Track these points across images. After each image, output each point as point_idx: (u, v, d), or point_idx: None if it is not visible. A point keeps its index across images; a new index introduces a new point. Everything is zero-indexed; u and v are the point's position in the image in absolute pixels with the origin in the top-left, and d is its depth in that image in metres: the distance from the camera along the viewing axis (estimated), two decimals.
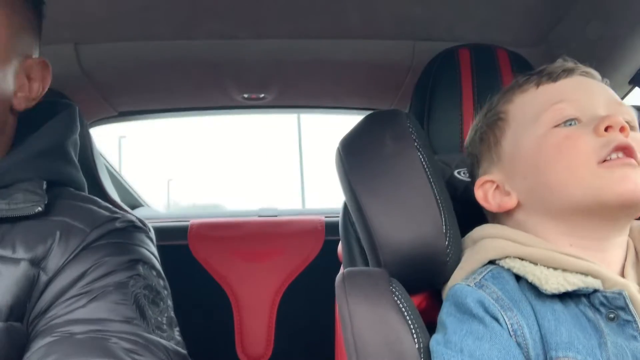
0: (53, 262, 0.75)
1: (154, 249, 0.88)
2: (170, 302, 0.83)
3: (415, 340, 0.68)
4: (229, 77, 1.55)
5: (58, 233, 0.77)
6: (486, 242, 0.75)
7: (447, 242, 0.75)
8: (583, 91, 0.74)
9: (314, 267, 1.70)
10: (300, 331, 1.67)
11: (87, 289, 0.74)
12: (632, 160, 0.66)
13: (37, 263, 0.74)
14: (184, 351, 0.78)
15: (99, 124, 1.75)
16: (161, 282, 0.83)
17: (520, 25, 1.28)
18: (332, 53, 1.43)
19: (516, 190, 0.75)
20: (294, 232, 1.75)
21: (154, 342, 0.73)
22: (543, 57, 1.30)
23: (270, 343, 1.66)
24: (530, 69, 1.03)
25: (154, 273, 0.82)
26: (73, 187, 0.89)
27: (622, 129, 0.68)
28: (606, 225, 0.70)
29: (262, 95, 1.66)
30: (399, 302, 0.71)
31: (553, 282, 0.65)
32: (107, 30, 1.32)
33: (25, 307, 0.73)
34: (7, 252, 0.74)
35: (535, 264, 0.69)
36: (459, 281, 0.73)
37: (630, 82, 1.20)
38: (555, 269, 0.67)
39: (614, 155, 0.67)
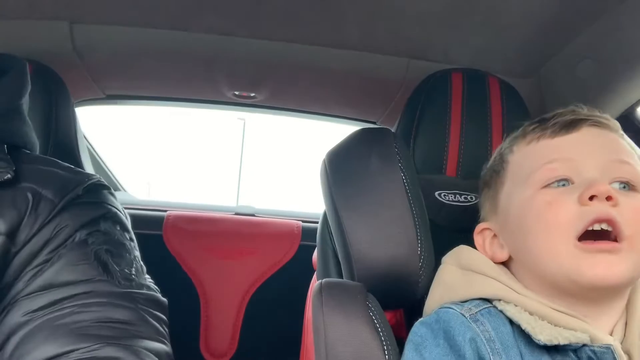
0: (23, 234, 0.74)
1: (119, 204, 0.88)
2: (137, 253, 0.83)
3: (387, 356, 0.69)
4: (221, 73, 1.54)
5: (30, 201, 0.76)
6: (480, 278, 0.74)
7: (420, 263, 0.77)
8: (580, 149, 0.72)
9: (286, 271, 1.70)
10: (265, 333, 1.67)
11: (49, 257, 0.74)
12: (613, 246, 0.66)
13: (10, 236, 0.73)
14: (157, 295, 0.79)
15: (85, 105, 1.73)
16: (126, 234, 0.83)
17: (513, 55, 1.30)
18: (326, 61, 1.43)
19: (507, 245, 0.76)
20: (270, 233, 1.75)
21: (119, 295, 0.73)
22: (533, 89, 1.33)
23: (235, 342, 1.66)
24: (519, 100, 1.05)
25: (118, 227, 0.82)
26: (27, 149, 0.87)
27: (608, 198, 0.66)
28: (590, 301, 0.69)
29: (253, 94, 1.66)
30: (374, 317, 0.72)
31: (547, 333, 0.66)
32: (104, 13, 1.31)
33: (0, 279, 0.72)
34: None
35: (531, 313, 0.69)
36: (446, 302, 0.73)
37: None
38: (549, 322, 0.68)
39: (596, 227, 0.66)
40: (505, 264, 0.77)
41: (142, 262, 0.82)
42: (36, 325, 0.69)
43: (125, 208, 1.21)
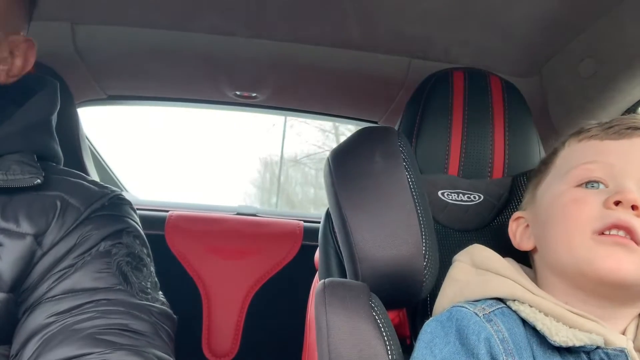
0: (49, 238, 0.77)
1: (137, 219, 0.92)
2: (152, 269, 0.87)
3: (390, 356, 0.69)
4: (222, 73, 1.54)
5: (58, 208, 0.79)
6: (495, 278, 0.74)
7: (425, 263, 0.77)
8: (624, 156, 0.72)
9: (288, 271, 1.70)
10: (267, 332, 1.67)
11: (74, 262, 0.77)
12: (629, 242, 0.65)
13: (38, 238, 0.77)
14: (169, 310, 0.82)
15: (87, 105, 1.73)
16: (144, 249, 0.87)
17: (515, 55, 1.30)
18: (327, 60, 1.43)
19: (534, 236, 0.77)
20: (272, 233, 1.75)
21: (137, 306, 0.77)
22: (535, 88, 1.33)
23: (237, 342, 1.66)
24: (521, 99, 1.05)
25: (138, 242, 0.86)
26: (54, 162, 0.91)
27: (634, 207, 0.66)
28: (601, 298, 0.69)
29: (254, 94, 1.66)
30: (377, 317, 0.72)
31: (563, 334, 0.65)
32: (106, 13, 1.32)
33: (24, 280, 0.75)
34: (10, 225, 0.76)
35: (546, 314, 0.69)
36: (459, 302, 0.73)
37: None
38: (563, 323, 0.68)
39: (613, 231, 0.66)
40: (530, 253, 0.78)
41: (156, 278, 0.86)
42: (58, 328, 0.72)
43: None
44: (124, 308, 0.75)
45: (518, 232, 0.80)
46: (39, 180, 0.79)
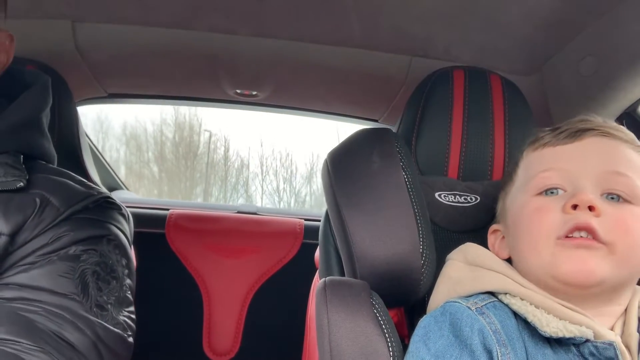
0: (22, 236, 0.75)
1: (127, 227, 0.88)
2: (128, 281, 0.83)
3: (391, 353, 0.70)
4: (223, 71, 1.55)
5: (37, 206, 0.77)
6: (487, 273, 0.76)
7: (422, 262, 0.77)
8: (578, 159, 0.74)
9: (289, 269, 1.71)
10: (269, 331, 1.67)
11: (37, 259, 0.75)
12: (590, 242, 0.68)
13: (12, 236, 0.75)
14: (124, 334, 0.78)
15: (87, 103, 1.74)
16: (123, 261, 0.83)
17: (515, 53, 1.30)
18: (328, 59, 1.43)
19: (509, 246, 0.79)
20: (272, 232, 1.76)
21: (84, 319, 0.73)
22: (535, 87, 1.33)
23: (238, 340, 1.66)
24: (521, 97, 1.05)
25: (117, 251, 0.82)
26: (45, 160, 0.89)
27: (591, 208, 0.69)
28: (579, 299, 0.70)
29: (255, 92, 1.66)
30: (378, 315, 0.72)
31: (553, 326, 0.67)
32: (106, 11, 1.32)
33: None
34: None
35: (537, 307, 0.70)
36: (452, 297, 0.74)
37: (615, 121, 1.23)
38: (554, 315, 0.69)
39: (575, 234, 0.68)
40: (509, 261, 0.79)
41: (129, 294, 0.82)
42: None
43: (128, 207, 1.22)
44: (70, 317, 0.72)
45: (497, 244, 0.82)
46: (21, 184, 0.77)
